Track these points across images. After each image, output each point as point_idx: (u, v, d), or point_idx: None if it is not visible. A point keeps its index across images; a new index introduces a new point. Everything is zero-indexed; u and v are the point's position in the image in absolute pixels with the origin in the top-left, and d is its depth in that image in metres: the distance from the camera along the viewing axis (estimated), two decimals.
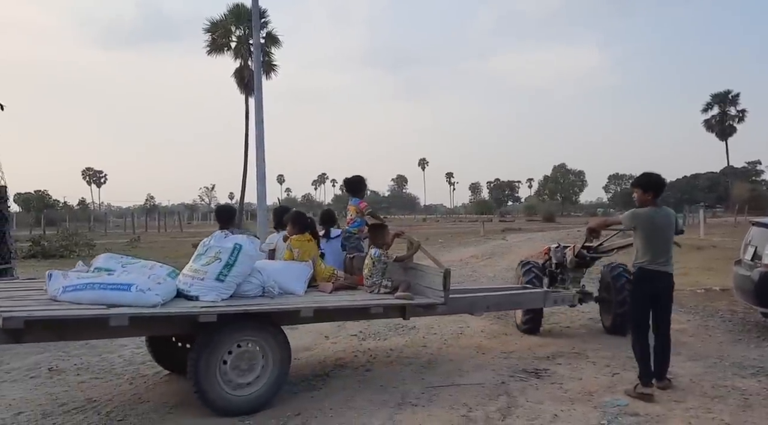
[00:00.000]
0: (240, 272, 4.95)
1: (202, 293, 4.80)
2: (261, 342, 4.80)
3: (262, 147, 16.01)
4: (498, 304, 6.48)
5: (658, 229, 5.09)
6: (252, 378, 4.76)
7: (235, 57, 43.11)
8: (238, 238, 5.16)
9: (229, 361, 4.66)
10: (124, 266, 5.02)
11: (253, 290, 5.08)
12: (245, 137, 39.66)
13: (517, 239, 29.37)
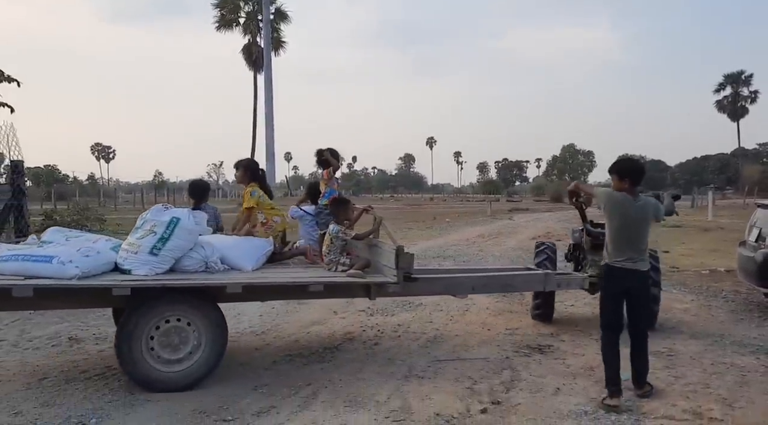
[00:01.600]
0: (176, 247, 4.89)
1: (134, 267, 4.79)
2: (192, 318, 4.72)
3: (271, 125, 16.12)
4: (485, 286, 5.98)
5: (630, 221, 4.56)
6: (182, 355, 4.70)
7: (243, 33, 43.06)
8: (176, 212, 5.08)
9: (156, 336, 4.64)
10: (68, 239, 5.10)
11: (194, 265, 5.03)
12: (253, 113, 39.74)
13: (524, 219, 29.45)
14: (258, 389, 4.82)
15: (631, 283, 4.60)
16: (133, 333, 4.60)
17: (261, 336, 6.50)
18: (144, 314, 4.63)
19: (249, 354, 5.85)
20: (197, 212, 5.43)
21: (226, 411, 4.34)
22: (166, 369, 4.68)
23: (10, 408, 4.32)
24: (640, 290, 4.66)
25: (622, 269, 4.59)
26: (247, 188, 5.96)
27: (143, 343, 4.62)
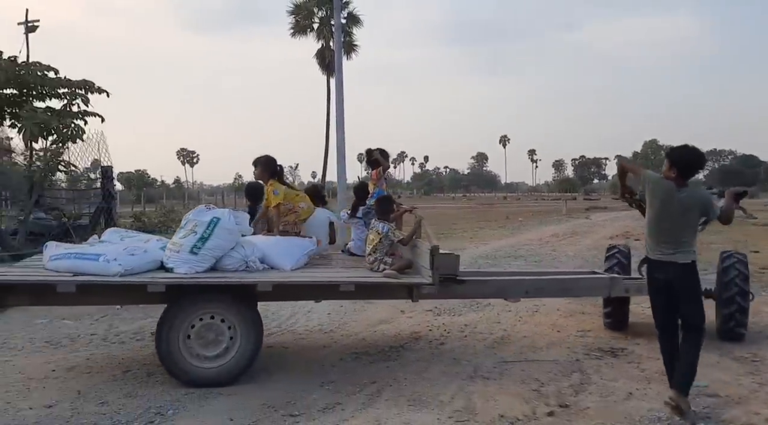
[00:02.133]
0: (216, 246, 5.00)
1: (176, 265, 4.93)
2: (227, 316, 4.83)
3: (342, 127, 16.37)
4: (540, 289, 5.77)
5: (671, 211, 4.28)
6: (218, 352, 4.82)
7: (317, 38, 43.87)
8: (217, 212, 5.17)
9: (192, 333, 4.77)
10: (123, 239, 5.34)
11: (234, 264, 5.12)
12: (327, 116, 40.46)
13: (602, 218, 28.51)
14: (324, 385, 4.93)
15: (670, 275, 4.27)
16: (171, 329, 4.76)
17: (329, 334, 6.63)
18: (181, 311, 4.80)
19: (317, 351, 5.98)
20: (239, 212, 5.56)
21: (293, 406, 4.47)
22: (202, 365, 4.82)
23: (97, 397, 4.62)
24: (681, 283, 4.28)
25: (659, 262, 4.33)
26: (268, 186, 6.00)
27: (180, 339, 4.78)
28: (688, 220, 4.28)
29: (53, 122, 11.05)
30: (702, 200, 4.32)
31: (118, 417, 4.24)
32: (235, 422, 4.17)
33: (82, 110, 11.73)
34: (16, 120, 11.70)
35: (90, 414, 4.30)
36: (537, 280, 5.86)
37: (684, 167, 4.29)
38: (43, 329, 6.90)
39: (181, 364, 4.81)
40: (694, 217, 4.29)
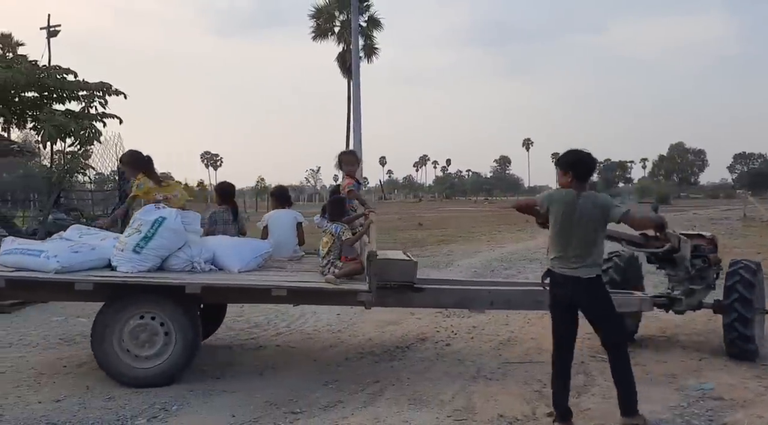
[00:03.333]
0: (160, 245, 5.00)
1: (119, 264, 4.95)
2: (161, 316, 4.80)
3: (359, 130, 16.48)
4: (507, 301, 5.43)
5: (571, 220, 3.95)
6: (153, 352, 4.80)
7: (338, 42, 44.19)
8: (164, 211, 5.15)
9: (127, 333, 4.76)
10: (81, 236, 5.39)
11: (180, 264, 5.12)
12: (347, 119, 40.67)
13: None
14: (328, 384, 4.97)
15: (571, 292, 3.97)
16: (105, 328, 4.78)
17: (336, 334, 6.68)
18: (114, 310, 4.81)
19: (323, 350, 6.03)
20: (189, 212, 5.56)
21: (296, 403, 4.51)
22: (137, 365, 4.81)
23: (104, 393, 4.72)
24: (587, 301, 3.99)
25: (561, 276, 4.01)
26: (135, 180, 5.86)
27: (115, 339, 4.78)
28: (592, 228, 3.96)
29: (71, 124, 11.32)
30: (602, 201, 4.00)
31: (123, 412, 4.33)
32: (237, 418, 4.23)
33: (100, 112, 12.00)
34: (38, 122, 12.01)
35: (96, 409, 4.39)
36: (503, 291, 5.56)
37: (579, 169, 4.05)
38: (58, 326, 7.06)
39: (117, 363, 4.82)
40: (597, 224, 3.97)
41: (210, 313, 6.15)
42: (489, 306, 5.45)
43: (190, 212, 5.62)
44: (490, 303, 5.37)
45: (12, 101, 12.97)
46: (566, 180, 4.06)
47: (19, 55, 17.00)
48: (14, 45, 30.51)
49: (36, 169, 13.26)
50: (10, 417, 4.24)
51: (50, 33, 21.65)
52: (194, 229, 5.43)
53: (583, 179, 4.06)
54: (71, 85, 12.44)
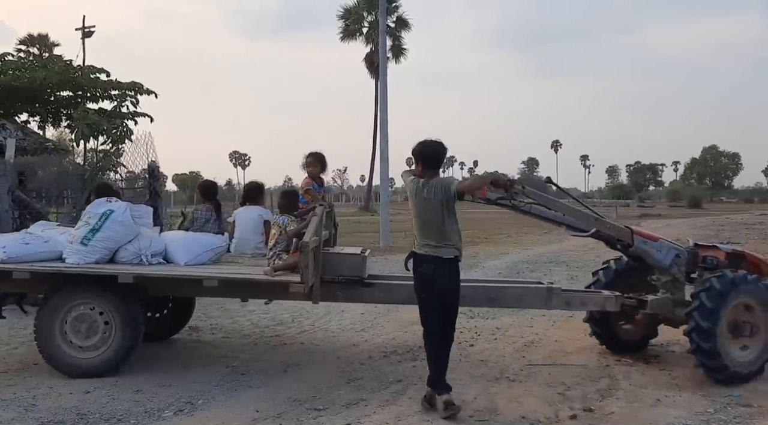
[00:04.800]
0: (106, 238, 5.11)
1: (68, 256, 5.08)
2: (101, 307, 4.90)
3: (385, 130, 16.52)
4: (462, 297, 4.97)
5: (422, 205, 4.30)
6: (93, 342, 4.89)
7: (366, 42, 44.34)
8: (114, 205, 5.26)
9: (68, 323, 4.87)
10: (43, 231, 5.55)
11: (128, 257, 5.21)
12: (374, 120, 40.77)
13: (654, 225, 27.60)
14: (351, 382, 5.01)
15: (433, 270, 4.26)
16: (47, 318, 4.88)
17: (360, 333, 6.72)
18: (55, 300, 4.92)
19: (346, 348, 6.08)
20: (140, 206, 5.64)
21: (319, 400, 4.57)
22: (78, 355, 4.91)
23: (133, 386, 4.83)
24: (444, 278, 4.27)
25: (424, 256, 4.30)
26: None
27: (57, 328, 4.88)
28: (441, 211, 4.24)
29: (103, 122, 11.59)
30: (441, 183, 4.30)
31: (150, 405, 4.43)
32: (261, 413, 4.30)
33: (131, 111, 12.27)
34: (72, 121, 12.33)
35: (125, 401, 4.50)
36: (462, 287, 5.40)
37: (424, 159, 4.38)
38: None
39: (58, 353, 4.91)
40: (446, 206, 4.25)
41: (178, 310, 6.31)
42: None
43: (141, 206, 5.73)
44: None
45: (48, 100, 13.33)
46: (419, 170, 4.43)
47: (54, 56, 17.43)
48: (50, 45, 31.33)
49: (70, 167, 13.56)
50: (42, 406, 4.37)
51: (85, 34, 22.17)
52: (145, 223, 5.54)
53: (430, 167, 4.40)
54: (104, 85, 12.74)
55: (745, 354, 4.94)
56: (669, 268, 5.28)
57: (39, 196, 10.07)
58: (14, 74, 13.80)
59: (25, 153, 11.37)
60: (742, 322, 4.95)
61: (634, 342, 5.82)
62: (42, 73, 12.07)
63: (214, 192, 6.51)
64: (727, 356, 4.84)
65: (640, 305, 5.33)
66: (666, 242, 5.38)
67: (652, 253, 5.27)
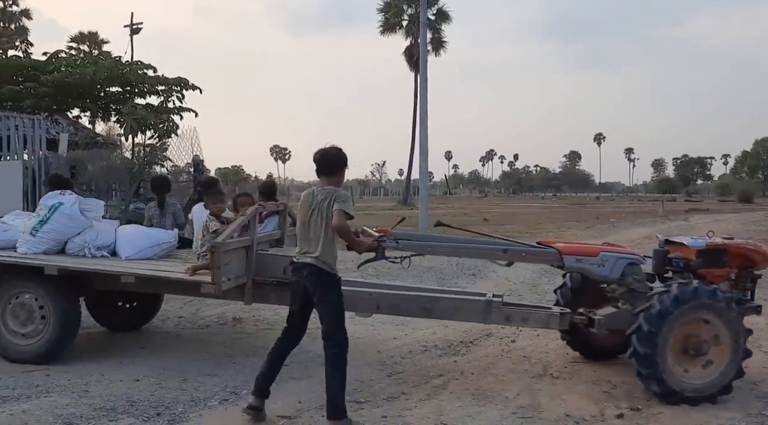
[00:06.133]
0: (53, 229, 5.27)
1: (18, 245, 5.31)
2: (39, 296, 5.06)
3: (425, 124, 16.45)
4: (394, 306, 5.14)
5: (310, 213, 4.13)
6: (30, 330, 5.08)
7: (405, 35, 44.16)
8: (64, 198, 5.39)
9: (9, 310, 5.10)
10: (14, 220, 5.75)
11: (74, 249, 5.37)
12: (413, 113, 40.63)
13: (702, 220, 26.81)
14: (392, 375, 5.03)
15: (305, 278, 4.14)
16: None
17: (400, 327, 6.72)
18: (1, 288, 5.19)
19: (387, 342, 6.09)
20: (91, 200, 5.73)
21: (360, 393, 4.59)
22: (17, 342, 5.11)
23: (179, 374, 4.95)
24: (315, 286, 4.14)
25: (298, 264, 4.19)
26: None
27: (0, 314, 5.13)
28: (322, 221, 4.09)
29: (150, 117, 11.88)
30: (333, 195, 4.08)
31: (196, 394, 4.53)
32: (304, 404, 4.35)
33: (177, 106, 12.56)
34: (121, 116, 12.69)
35: (172, 389, 4.62)
36: (388, 295, 5.20)
37: (320, 166, 4.21)
38: None
39: (1, 338, 5.14)
40: (324, 216, 4.07)
41: (146, 302, 6.41)
42: (375, 310, 5.19)
43: (92, 199, 5.85)
44: (376, 307, 5.14)
45: (98, 96, 13.73)
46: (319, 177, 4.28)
47: (103, 52, 17.90)
48: (100, 43, 32.24)
49: (118, 161, 13.99)
50: (94, 392, 4.52)
51: (133, 30, 22.72)
52: (95, 216, 5.65)
53: (326, 174, 4.21)
54: (151, 80, 13.05)
55: (704, 373, 4.43)
56: (622, 279, 4.81)
57: (89, 189, 10.43)
58: (66, 70, 14.31)
59: (77, 147, 11.79)
60: (698, 340, 4.41)
61: (608, 348, 5.30)
62: (92, 69, 12.47)
63: (167, 188, 6.64)
64: (675, 379, 4.35)
65: (590, 324, 4.82)
66: (611, 253, 4.87)
67: (591, 270, 4.81)
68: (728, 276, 4.77)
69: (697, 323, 4.42)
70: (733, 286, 4.74)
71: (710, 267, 4.72)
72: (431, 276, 10.35)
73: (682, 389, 4.35)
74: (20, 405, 4.22)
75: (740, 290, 4.76)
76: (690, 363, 4.43)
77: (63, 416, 4.04)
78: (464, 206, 43.86)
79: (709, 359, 4.43)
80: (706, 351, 4.41)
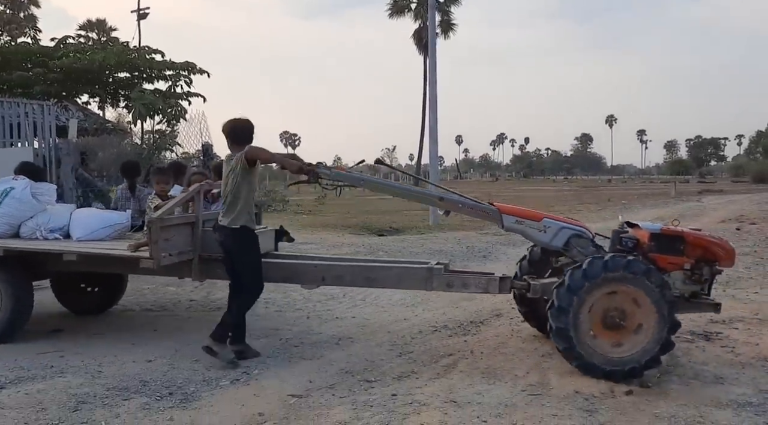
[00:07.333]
0: (6, 214, 5.41)
1: None
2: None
3: (434, 107, 16.35)
4: (338, 277, 5.22)
5: (226, 177, 4.73)
6: None
7: (414, 18, 43.88)
8: (15, 182, 5.51)
9: None
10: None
11: (27, 232, 5.49)
12: (423, 97, 40.44)
13: (716, 201, 26.64)
14: (402, 355, 5.05)
15: (222, 238, 4.76)
16: None
17: (410, 308, 6.74)
18: None
19: (397, 323, 6.11)
20: (43, 184, 5.77)
21: (370, 372, 4.62)
22: None
23: (191, 355, 4.99)
24: (231, 246, 4.74)
25: (217, 226, 4.81)
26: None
27: None
28: (233, 181, 4.63)
29: (159, 102, 11.90)
30: (240, 153, 4.61)
31: (208, 374, 4.58)
32: (314, 384, 4.38)
33: (185, 91, 12.56)
34: (129, 101, 12.72)
35: (184, 370, 4.67)
36: (333, 266, 5.30)
37: (229, 136, 4.75)
38: (149, 293, 7.51)
39: None
40: (237, 175, 4.61)
41: (110, 285, 6.46)
42: (321, 282, 5.29)
43: (44, 183, 5.88)
44: (321, 279, 5.24)
45: (106, 82, 13.76)
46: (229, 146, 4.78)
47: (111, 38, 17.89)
48: (108, 30, 32.27)
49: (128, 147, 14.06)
50: (107, 373, 4.58)
51: (140, 16, 22.74)
52: (47, 200, 5.73)
53: (235, 143, 4.73)
54: (159, 65, 13.06)
55: (628, 347, 4.35)
56: (568, 250, 4.77)
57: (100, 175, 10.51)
58: (75, 56, 14.35)
59: (86, 134, 11.84)
60: (619, 313, 4.35)
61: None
62: (101, 54, 12.49)
63: (136, 171, 6.67)
64: (594, 353, 4.31)
65: (528, 289, 4.84)
66: (558, 221, 4.86)
67: (532, 234, 4.83)
68: (682, 265, 4.54)
69: (616, 296, 4.35)
70: (688, 277, 4.54)
71: (663, 253, 4.55)
72: (441, 259, 10.33)
73: (603, 363, 4.31)
74: (35, 385, 4.29)
75: (694, 282, 4.57)
76: (612, 335, 4.37)
77: (77, 395, 4.10)
78: (474, 189, 43.76)
79: (633, 331, 4.35)
80: (627, 323, 4.35)
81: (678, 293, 4.50)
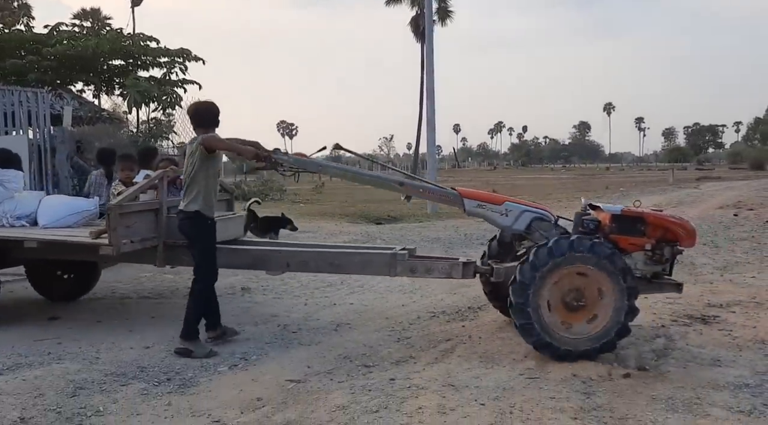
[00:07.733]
0: None
1: None
2: None
3: (432, 96, 16.28)
4: (303, 263, 5.22)
5: (186, 162, 4.71)
6: None
7: (411, 5, 43.58)
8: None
9: None
10: None
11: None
12: (420, 86, 40.24)
13: (713, 188, 26.62)
14: (400, 341, 5.05)
15: (179, 223, 4.77)
16: None
17: (408, 294, 6.74)
18: None
19: (395, 309, 6.12)
20: (8, 171, 5.76)
21: (368, 358, 4.63)
22: None
23: None
24: (184, 230, 4.74)
25: (177, 210, 4.83)
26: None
27: None
28: (191, 165, 4.61)
29: (154, 89, 11.83)
30: (198, 138, 4.62)
31: (206, 360, 4.58)
32: (312, 369, 4.38)
33: (180, 78, 12.48)
34: (124, 89, 12.64)
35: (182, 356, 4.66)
36: (297, 252, 5.30)
37: (191, 119, 4.79)
38: (147, 281, 7.50)
39: None
40: (195, 160, 4.59)
41: (84, 272, 6.42)
42: (286, 268, 5.28)
43: (10, 170, 5.87)
44: (286, 265, 5.22)
45: (101, 69, 13.65)
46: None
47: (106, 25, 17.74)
48: (102, 19, 32.00)
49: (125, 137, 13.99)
50: (105, 359, 4.58)
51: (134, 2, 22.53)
52: (15, 188, 5.77)
53: (199, 126, 4.72)
54: (153, 52, 12.96)
55: (587, 328, 4.37)
56: (530, 233, 4.77)
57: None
58: (68, 43, 14.24)
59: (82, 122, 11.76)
60: (578, 294, 4.36)
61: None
62: (94, 41, 12.38)
63: (111, 159, 6.59)
64: (552, 331, 4.33)
65: (491, 273, 4.85)
66: (519, 205, 4.87)
67: (494, 218, 4.83)
68: (644, 246, 4.54)
69: (577, 276, 4.36)
70: (649, 257, 4.53)
71: (624, 234, 4.54)
72: (439, 246, 10.37)
73: (560, 342, 4.33)
74: (32, 371, 4.29)
75: (656, 263, 4.56)
76: (570, 316, 4.39)
77: (75, 381, 4.10)
78: (473, 178, 43.74)
79: (592, 313, 4.36)
80: (587, 304, 4.37)
81: (640, 274, 4.52)
